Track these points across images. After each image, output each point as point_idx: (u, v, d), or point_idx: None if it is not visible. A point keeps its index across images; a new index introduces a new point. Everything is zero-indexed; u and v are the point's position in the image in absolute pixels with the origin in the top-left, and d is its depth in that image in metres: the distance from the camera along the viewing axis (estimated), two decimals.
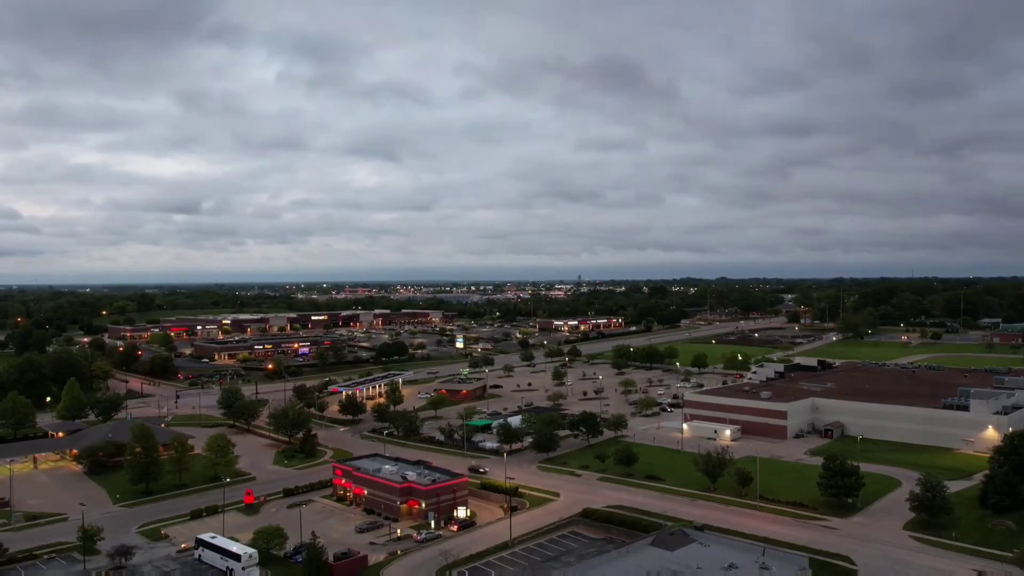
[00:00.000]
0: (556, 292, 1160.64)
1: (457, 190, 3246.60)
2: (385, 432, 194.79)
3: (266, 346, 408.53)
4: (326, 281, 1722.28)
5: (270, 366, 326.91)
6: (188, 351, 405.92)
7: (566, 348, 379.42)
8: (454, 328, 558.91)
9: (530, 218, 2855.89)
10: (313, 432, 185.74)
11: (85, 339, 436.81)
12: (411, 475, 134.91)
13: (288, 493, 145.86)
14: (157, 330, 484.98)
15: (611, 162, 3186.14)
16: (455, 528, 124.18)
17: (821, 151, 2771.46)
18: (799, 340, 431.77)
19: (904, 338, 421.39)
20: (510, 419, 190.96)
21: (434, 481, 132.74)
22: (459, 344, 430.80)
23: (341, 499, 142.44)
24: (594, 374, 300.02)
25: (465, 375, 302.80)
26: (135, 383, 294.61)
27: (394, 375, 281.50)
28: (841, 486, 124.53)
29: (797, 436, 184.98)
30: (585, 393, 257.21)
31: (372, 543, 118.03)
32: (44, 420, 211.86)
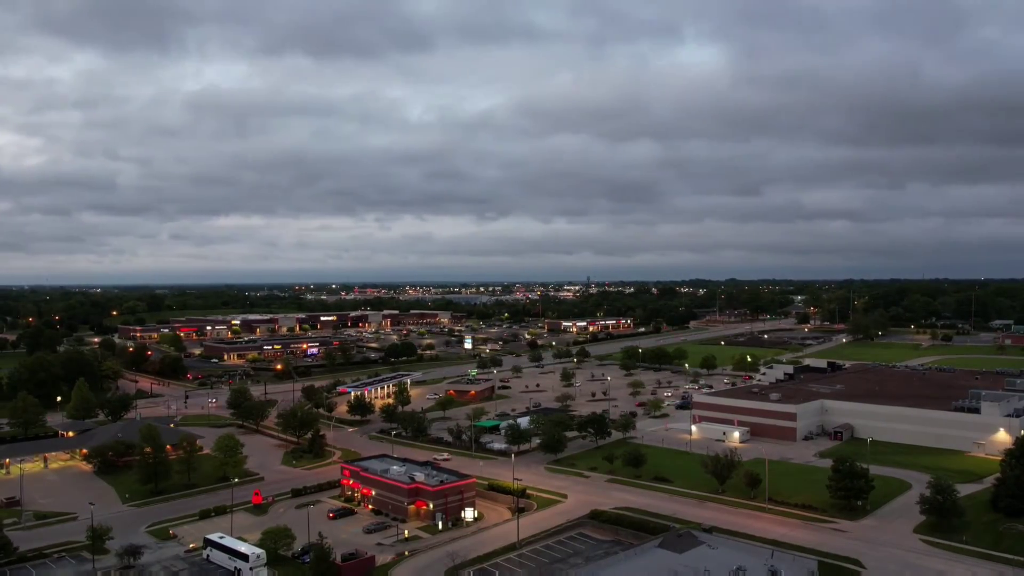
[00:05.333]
0: (565, 293, 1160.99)
1: None
2: (393, 433, 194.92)
3: (275, 346, 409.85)
4: (335, 282, 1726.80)
5: (279, 366, 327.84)
6: (198, 351, 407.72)
7: (575, 349, 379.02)
8: (463, 329, 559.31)
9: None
10: (321, 433, 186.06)
11: (96, 339, 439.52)
12: (419, 476, 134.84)
13: (296, 493, 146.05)
14: (167, 330, 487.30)
15: None
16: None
17: None
18: (809, 341, 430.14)
19: (917, 338, 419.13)
20: (518, 420, 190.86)
21: (442, 482, 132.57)
22: (467, 345, 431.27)
23: (349, 500, 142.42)
24: (603, 375, 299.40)
25: (473, 376, 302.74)
26: (145, 383, 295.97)
27: (402, 376, 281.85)
28: (850, 488, 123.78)
29: (806, 438, 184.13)
30: (594, 394, 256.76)
31: (380, 544, 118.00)
32: (54, 420, 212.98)
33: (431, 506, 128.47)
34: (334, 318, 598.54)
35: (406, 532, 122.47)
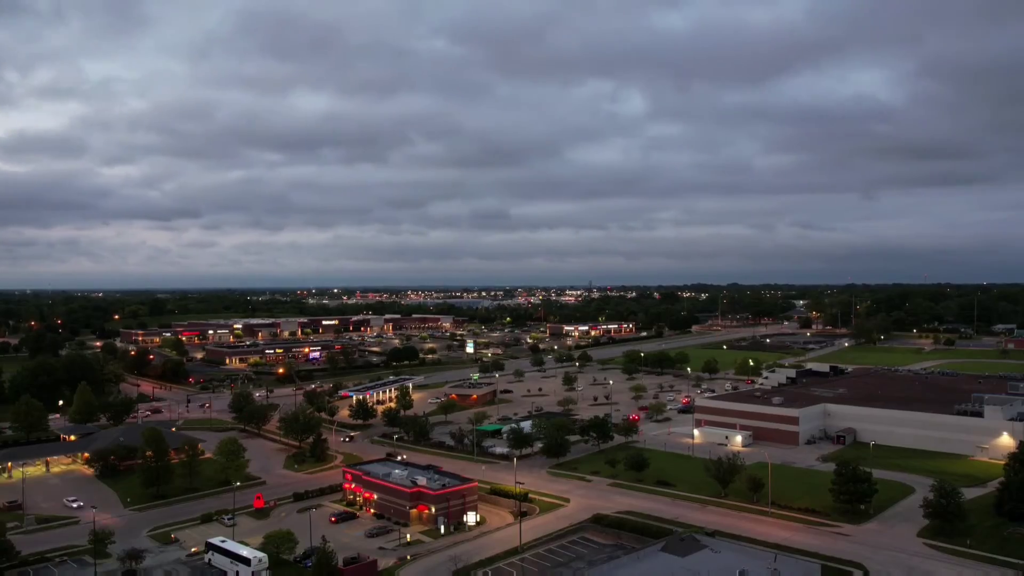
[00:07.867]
0: (567, 298, 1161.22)
1: None
2: (395, 437, 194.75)
3: (277, 350, 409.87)
4: (337, 286, 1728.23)
5: (281, 370, 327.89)
6: (200, 355, 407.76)
7: (577, 353, 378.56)
8: (465, 333, 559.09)
9: None
10: (323, 437, 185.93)
11: (98, 343, 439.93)
12: (421, 480, 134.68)
13: (298, 497, 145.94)
14: (169, 334, 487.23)
15: None
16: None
17: None
18: (811, 346, 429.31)
19: (920, 343, 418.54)
20: (520, 424, 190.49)
21: (444, 486, 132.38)
22: (469, 349, 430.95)
23: (351, 504, 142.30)
24: (605, 379, 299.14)
25: (475, 380, 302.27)
26: (147, 387, 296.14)
27: (404, 380, 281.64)
28: (853, 492, 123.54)
29: (809, 442, 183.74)
30: (596, 398, 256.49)
31: (382, 548, 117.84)
32: (57, 423, 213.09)
33: (433, 510, 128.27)
34: (336, 322, 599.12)
35: (408, 536, 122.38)
